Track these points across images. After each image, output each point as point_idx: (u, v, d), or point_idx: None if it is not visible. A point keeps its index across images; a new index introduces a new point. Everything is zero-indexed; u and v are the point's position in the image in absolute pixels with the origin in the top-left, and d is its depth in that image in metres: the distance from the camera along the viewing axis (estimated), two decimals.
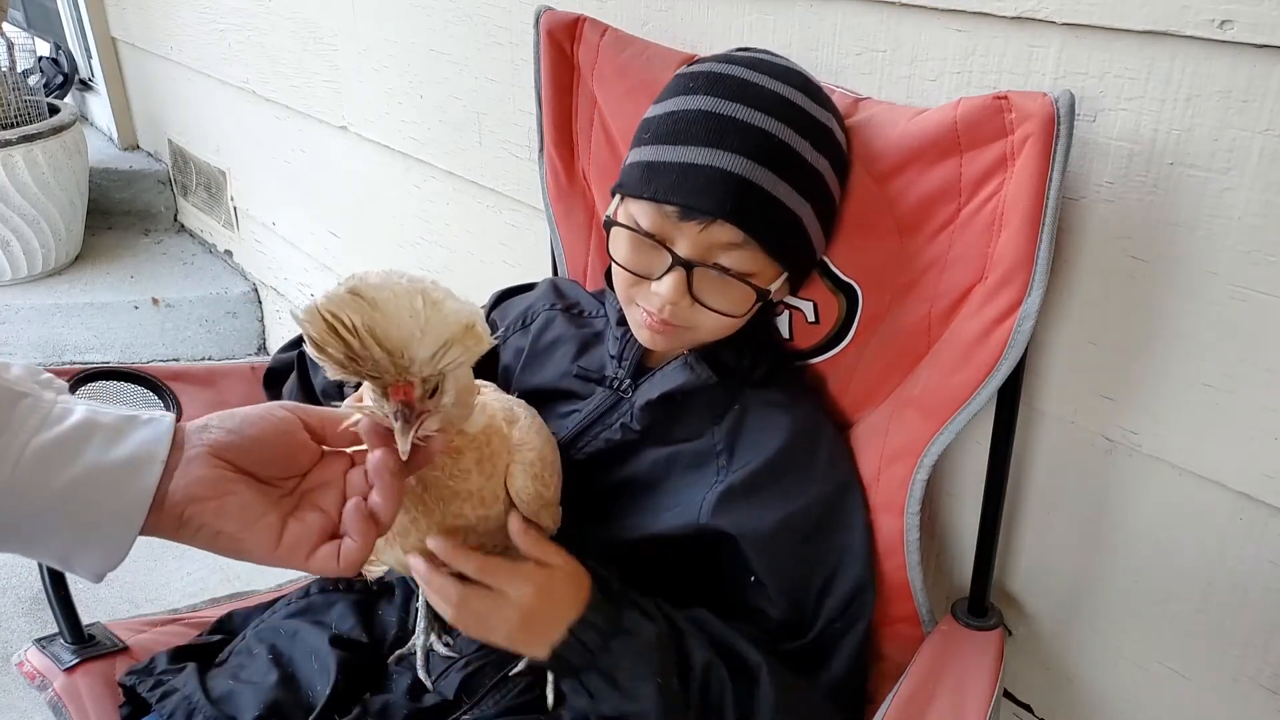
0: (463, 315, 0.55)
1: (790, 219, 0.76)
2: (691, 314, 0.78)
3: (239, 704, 0.81)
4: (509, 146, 1.42)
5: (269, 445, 0.59)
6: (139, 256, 2.89)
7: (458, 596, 0.70)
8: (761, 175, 0.73)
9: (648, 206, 0.77)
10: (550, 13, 1.01)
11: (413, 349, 0.54)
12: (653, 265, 0.78)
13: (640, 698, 0.70)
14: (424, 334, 0.54)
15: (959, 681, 0.79)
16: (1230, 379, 0.74)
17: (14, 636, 1.68)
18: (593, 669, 0.71)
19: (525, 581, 0.70)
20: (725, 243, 0.75)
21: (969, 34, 0.81)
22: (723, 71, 0.78)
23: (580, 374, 0.89)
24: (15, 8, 3.64)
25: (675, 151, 0.75)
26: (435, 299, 0.54)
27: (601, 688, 0.71)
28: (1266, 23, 0.64)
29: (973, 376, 0.77)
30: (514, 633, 0.71)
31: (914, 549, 0.83)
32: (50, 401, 0.54)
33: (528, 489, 0.72)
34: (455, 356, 0.56)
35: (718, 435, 0.83)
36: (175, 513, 0.55)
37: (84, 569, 0.55)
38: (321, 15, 1.81)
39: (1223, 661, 0.83)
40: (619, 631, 0.72)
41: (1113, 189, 0.76)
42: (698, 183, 0.73)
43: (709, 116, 0.75)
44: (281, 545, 0.58)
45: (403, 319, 0.53)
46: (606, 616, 0.72)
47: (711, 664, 0.73)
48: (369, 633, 0.90)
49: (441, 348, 0.55)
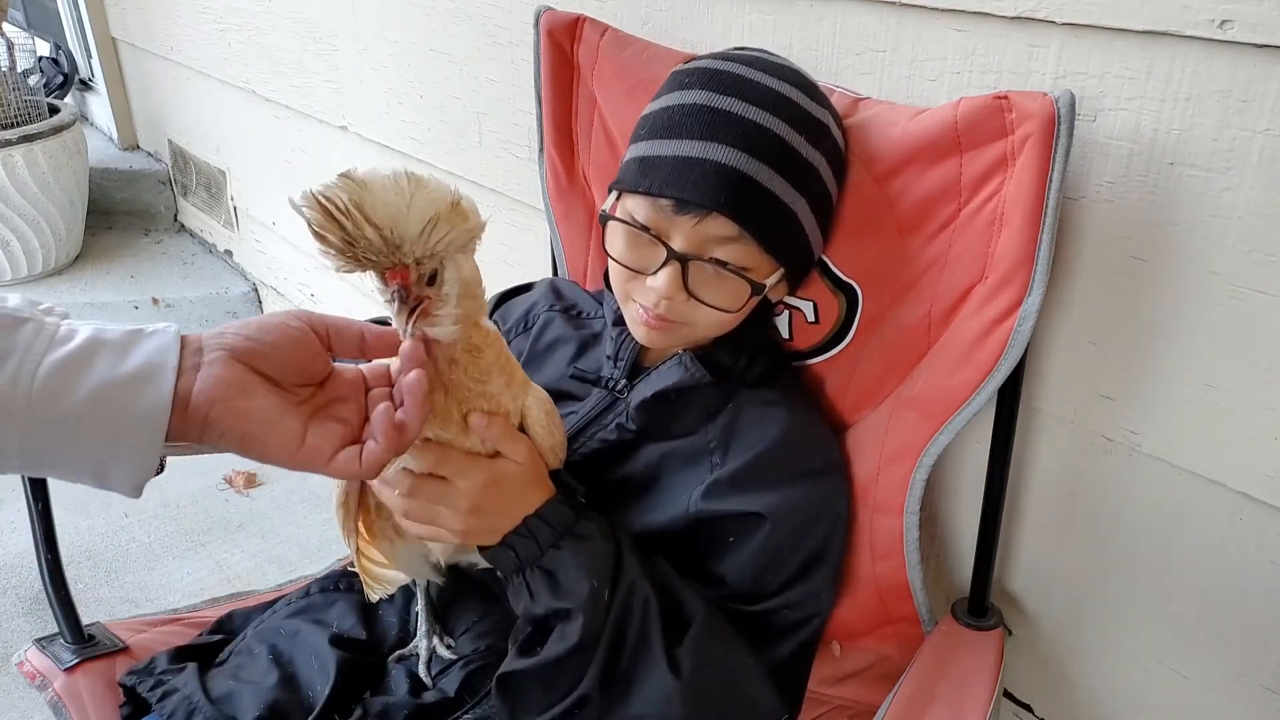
0: (446, 192, 0.58)
1: (785, 213, 0.76)
2: (687, 309, 0.78)
3: (239, 704, 0.81)
4: (509, 146, 1.42)
5: (285, 351, 0.60)
6: (139, 256, 2.89)
7: (409, 485, 0.71)
8: (756, 169, 0.73)
9: (644, 201, 0.77)
10: (550, 13, 1.01)
11: (401, 225, 0.56)
12: (649, 260, 0.78)
13: (573, 596, 0.71)
14: (410, 209, 0.56)
15: (959, 681, 0.79)
16: (1230, 379, 0.74)
17: (14, 636, 1.68)
18: (537, 565, 0.72)
19: (477, 471, 0.70)
20: (720, 237, 0.75)
21: (969, 34, 0.81)
22: (719, 68, 0.78)
23: (576, 375, 0.89)
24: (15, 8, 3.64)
25: (670, 146, 0.76)
26: (419, 179, 0.57)
27: (541, 587, 0.72)
28: (1266, 23, 0.64)
29: (972, 376, 0.77)
30: (460, 522, 0.71)
31: (914, 549, 0.83)
32: (54, 324, 0.55)
33: (540, 420, 0.73)
34: (444, 233, 0.58)
35: (712, 433, 0.83)
36: (200, 415, 0.56)
37: (120, 483, 0.56)
38: (321, 15, 1.81)
39: (1223, 661, 0.83)
40: (571, 534, 0.73)
41: (1113, 189, 0.76)
42: (692, 176, 0.74)
43: (704, 110, 0.75)
44: (305, 447, 0.59)
45: (389, 196, 0.56)
46: (562, 518, 0.73)
47: (637, 583, 0.73)
48: (369, 632, 0.90)
49: (428, 224, 0.57)
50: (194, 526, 1.96)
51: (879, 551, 0.85)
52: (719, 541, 0.80)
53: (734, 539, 0.79)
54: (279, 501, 2.04)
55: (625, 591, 0.73)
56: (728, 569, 0.79)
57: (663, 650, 0.72)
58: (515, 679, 0.73)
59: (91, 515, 1.96)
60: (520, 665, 0.73)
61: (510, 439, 0.71)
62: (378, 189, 0.55)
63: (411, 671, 0.86)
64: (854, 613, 0.89)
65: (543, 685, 0.73)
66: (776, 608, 0.79)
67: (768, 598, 0.79)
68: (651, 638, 0.72)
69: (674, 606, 0.75)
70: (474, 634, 0.88)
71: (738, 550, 0.79)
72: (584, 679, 0.71)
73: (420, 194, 0.57)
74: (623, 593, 0.73)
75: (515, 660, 0.74)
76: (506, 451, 0.71)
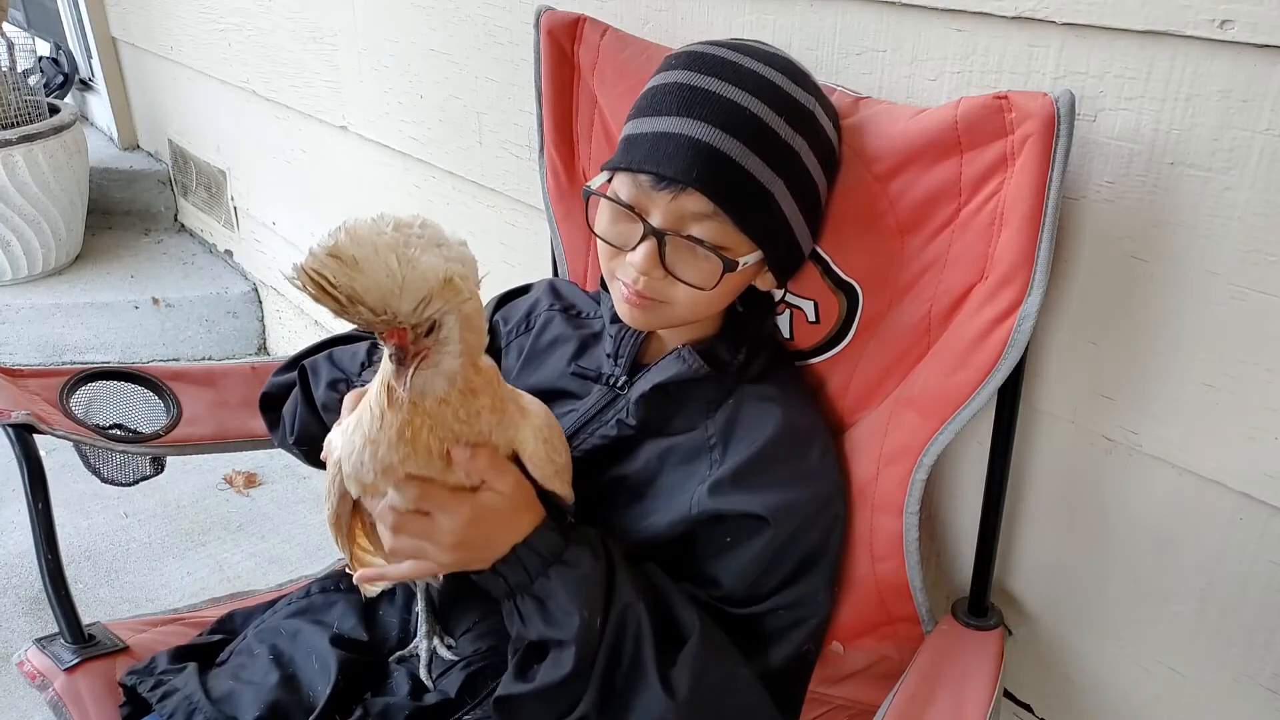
0: (439, 270, 0.57)
1: (760, 192, 0.76)
2: (665, 287, 0.79)
3: (239, 704, 0.81)
4: (509, 146, 1.43)
5: None
6: (139, 256, 2.89)
7: (392, 521, 0.72)
8: (729, 145, 0.74)
9: (625, 178, 0.78)
10: (550, 13, 1.01)
11: (393, 305, 0.56)
12: (629, 237, 0.79)
13: (565, 627, 0.71)
14: (402, 291, 0.56)
15: (959, 681, 0.79)
16: (1230, 379, 0.74)
17: (14, 636, 1.68)
18: (527, 593, 0.73)
19: (460, 506, 0.70)
20: (696, 213, 0.76)
21: (969, 34, 0.81)
22: (705, 50, 0.79)
23: (577, 372, 0.89)
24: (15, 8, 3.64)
25: (650, 123, 0.77)
26: (410, 258, 0.56)
27: (532, 613, 0.73)
28: (1266, 23, 0.64)
29: (972, 376, 0.77)
30: (446, 555, 0.72)
31: (913, 549, 0.83)
32: None
33: (538, 451, 0.73)
34: (438, 308, 0.58)
35: (712, 429, 0.83)
36: None
37: None
38: (321, 15, 1.81)
39: (1223, 661, 0.83)
40: (559, 561, 0.73)
41: (1113, 189, 0.76)
42: (668, 150, 0.74)
43: (683, 89, 0.76)
44: None
45: (380, 279, 0.55)
46: (551, 546, 0.73)
47: (630, 605, 0.74)
48: (370, 633, 0.90)
49: (421, 303, 0.57)
50: (194, 526, 1.96)
51: (879, 551, 0.85)
52: (717, 543, 0.80)
53: (732, 540, 0.79)
54: (279, 501, 2.04)
55: (619, 616, 0.73)
56: (724, 571, 0.79)
57: (656, 674, 0.72)
58: (513, 701, 0.74)
59: (91, 515, 1.96)
60: (518, 690, 0.73)
61: (495, 470, 0.71)
62: (369, 271, 0.55)
63: (412, 672, 0.86)
64: (854, 613, 0.89)
65: (541, 706, 0.73)
66: (771, 609, 0.79)
67: (762, 600, 0.79)
68: (645, 662, 0.72)
69: (669, 623, 0.75)
70: (475, 635, 0.88)
71: (737, 552, 0.79)
72: (581, 701, 0.72)
73: (412, 275, 0.56)
74: (615, 617, 0.73)
75: (513, 684, 0.74)
76: (491, 482, 0.71)
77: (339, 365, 0.95)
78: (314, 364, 0.97)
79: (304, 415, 0.96)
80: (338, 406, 0.81)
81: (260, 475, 2.10)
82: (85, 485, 1.13)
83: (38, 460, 0.93)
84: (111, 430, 1.05)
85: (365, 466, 0.67)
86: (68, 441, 1.00)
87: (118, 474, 1.05)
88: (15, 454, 0.93)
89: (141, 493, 2.00)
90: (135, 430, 1.07)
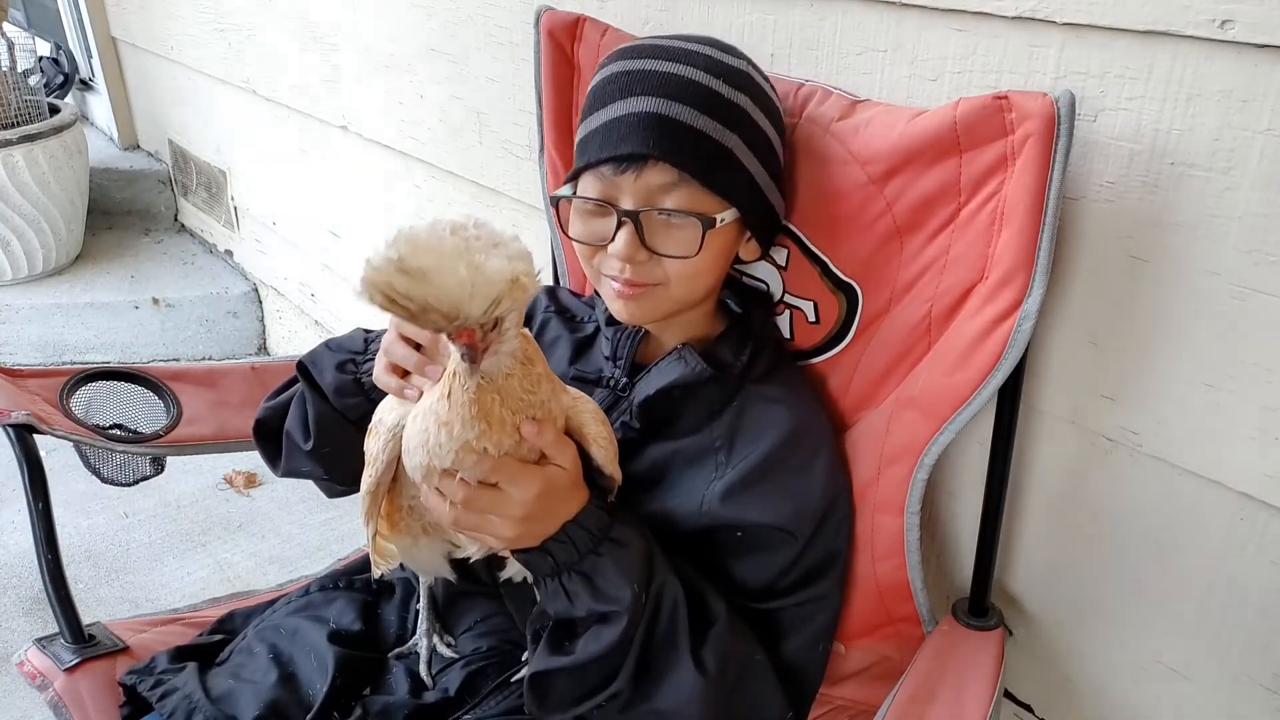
0: (505, 271, 0.58)
1: (719, 150, 0.77)
2: (652, 268, 0.79)
3: (239, 703, 0.81)
4: (509, 146, 1.42)
5: None
6: (139, 256, 2.89)
7: (463, 495, 0.70)
8: (678, 110, 0.75)
9: (589, 177, 0.79)
10: (550, 13, 1.01)
11: (465, 310, 0.57)
12: (604, 230, 0.79)
13: (617, 601, 0.72)
14: (473, 297, 0.57)
15: (959, 681, 0.79)
16: (1230, 379, 0.74)
17: (14, 636, 1.68)
18: (576, 570, 0.73)
19: (531, 479, 0.70)
20: (662, 185, 0.76)
21: (969, 34, 0.81)
22: (632, 43, 0.82)
23: (577, 376, 0.89)
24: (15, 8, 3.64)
25: (597, 117, 0.78)
26: (477, 264, 0.57)
27: (580, 590, 0.73)
28: (1266, 23, 0.64)
29: (973, 376, 0.77)
30: (511, 529, 0.71)
31: (914, 549, 0.83)
32: None
33: (601, 433, 0.74)
34: (506, 308, 0.59)
35: (717, 430, 0.83)
36: None
37: None
38: (321, 15, 1.81)
39: (1223, 661, 0.83)
40: (608, 539, 0.73)
41: (1113, 189, 0.76)
42: (620, 132, 0.76)
43: (620, 75, 0.78)
44: None
45: (450, 287, 0.56)
46: (600, 523, 0.73)
47: (668, 583, 0.75)
48: (369, 629, 0.90)
49: (491, 305, 0.58)
50: (194, 526, 1.96)
51: (879, 551, 0.85)
52: (735, 548, 0.81)
53: (751, 547, 0.80)
54: (279, 501, 2.04)
55: (657, 590, 0.74)
56: (741, 572, 0.80)
57: (689, 650, 0.73)
58: (548, 675, 0.74)
59: (91, 515, 1.96)
60: (556, 664, 0.74)
61: (559, 445, 0.72)
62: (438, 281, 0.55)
63: (412, 670, 0.86)
64: (855, 613, 0.89)
65: (577, 681, 0.74)
66: (785, 606, 0.80)
67: (777, 597, 0.80)
68: (679, 636, 0.74)
69: (699, 604, 0.76)
70: (475, 633, 0.88)
71: (756, 558, 0.80)
72: (619, 675, 0.72)
73: (480, 280, 0.56)
74: (654, 592, 0.74)
75: (549, 658, 0.74)
76: (554, 456, 0.71)
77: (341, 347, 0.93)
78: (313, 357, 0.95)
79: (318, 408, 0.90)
80: (351, 388, 0.81)
81: (260, 475, 2.10)
82: (85, 485, 1.13)
83: (38, 460, 0.93)
84: (111, 430, 1.05)
85: (443, 447, 0.68)
86: (68, 441, 1.00)
87: (118, 474, 1.05)
88: (15, 454, 0.93)
89: (141, 493, 2.00)
90: (135, 430, 1.07)
